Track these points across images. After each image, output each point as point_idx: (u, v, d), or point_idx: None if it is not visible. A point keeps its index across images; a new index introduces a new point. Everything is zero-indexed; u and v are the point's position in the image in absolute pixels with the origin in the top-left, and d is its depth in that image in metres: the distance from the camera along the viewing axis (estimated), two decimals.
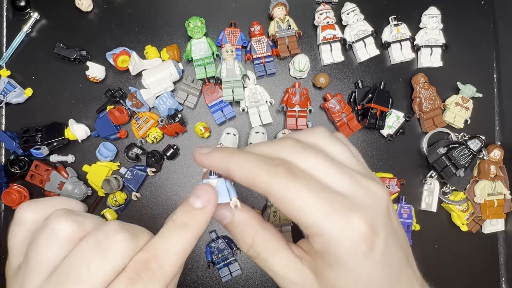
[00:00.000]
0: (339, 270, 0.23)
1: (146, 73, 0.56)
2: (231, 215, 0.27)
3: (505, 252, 0.61)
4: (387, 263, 0.23)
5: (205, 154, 0.26)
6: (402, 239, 0.25)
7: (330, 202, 0.22)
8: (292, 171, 0.23)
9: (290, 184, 0.23)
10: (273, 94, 0.59)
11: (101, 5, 0.59)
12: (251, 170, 0.24)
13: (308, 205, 0.22)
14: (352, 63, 0.61)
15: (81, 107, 0.59)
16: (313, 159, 0.24)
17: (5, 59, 0.58)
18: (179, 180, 0.59)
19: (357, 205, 0.23)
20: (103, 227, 0.22)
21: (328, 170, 0.24)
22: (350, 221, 0.22)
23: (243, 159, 0.25)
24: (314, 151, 0.25)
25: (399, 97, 0.60)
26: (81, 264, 0.21)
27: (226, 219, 0.27)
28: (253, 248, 0.27)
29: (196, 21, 0.56)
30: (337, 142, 0.27)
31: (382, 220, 0.24)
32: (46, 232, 0.22)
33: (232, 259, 0.57)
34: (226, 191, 0.27)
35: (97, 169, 0.57)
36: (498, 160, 0.59)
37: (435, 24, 0.59)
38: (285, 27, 0.57)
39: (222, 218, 0.27)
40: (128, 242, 0.22)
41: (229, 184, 0.27)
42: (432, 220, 0.60)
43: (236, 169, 0.24)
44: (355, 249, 0.22)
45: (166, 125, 0.55)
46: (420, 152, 0.61)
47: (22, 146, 0.56)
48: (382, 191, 0.25)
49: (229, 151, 0.26)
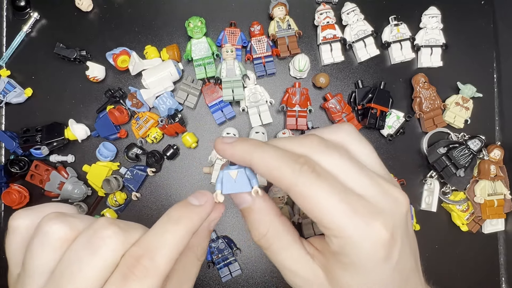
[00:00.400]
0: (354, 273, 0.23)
1: (146, 73, 0.56)
2: (251, 200, 0.27)
3: (505, 252, 0.61)
4: (400, 270, 0.23)
5: (228, 143, 0.26)
6: (414, 245, 0.25)
7: (352, 204, 0.22)
8: (316, 170, 0.23)
9: (314, 184, 0.22)
10: (273, 94, 0.59)
11: (101, 5, 0.59)
12: (275, 165, 0.23)
13: (330, 206, 0.22)
14: (352, 63, 0.61)
15: (81, 107, 0.59)
16: (338, 160, 0.24)
17: (5, 59, 0.58)
18: (179, 180, 0.59)
19: (379, 210, 0.23)
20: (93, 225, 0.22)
21: (352, 172, 0.24)
22: (371, 225, 0.22)
23: (267, 153, 0.24)
24: (338, 151, 0.25)
25: (399, 97, 0.60)
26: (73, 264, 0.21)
27: (246, 203, 0.27)
28: (265, 239, 0.26)
29: (196, 21, 0.56)
30: (363, 141, 0.27)
31: (401, 227, 0.23)
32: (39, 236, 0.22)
33: (232, 259, 0.57)
34: (247, 180, 0.26)
35: (97, 169, 0.57)
36: (498, 160, 0.59)
37: (435, 24, 0.59)
38: (285, 27, 0.57)
39: (242, 201, 0.27)
40: (119, 237, 0.22)
41: (250, 172, 0.26)
42: (432, 220, 0.60)
43: (260, 163, 0.24)
44: (374, 254, 0.22)
45: (166, 125, 0.55)
46: (420, 152, 0.61)
47: (22, 146, 0.56)
48: (403, 198, 0.24)
49: (252, 142, 0.25)
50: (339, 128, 0.27)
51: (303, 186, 0.23)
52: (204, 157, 0.59)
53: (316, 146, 0.25)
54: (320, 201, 0.22)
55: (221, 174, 0.27)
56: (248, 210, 0.27)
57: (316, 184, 0.22)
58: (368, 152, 0.27)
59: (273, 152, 0.24)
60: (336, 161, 0.24)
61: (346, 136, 0.27)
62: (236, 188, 0.26)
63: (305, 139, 0.25)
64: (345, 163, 0.24)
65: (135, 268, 0.21)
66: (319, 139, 0.25)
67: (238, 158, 0.26)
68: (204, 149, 0.59)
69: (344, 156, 0.24)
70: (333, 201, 0.22)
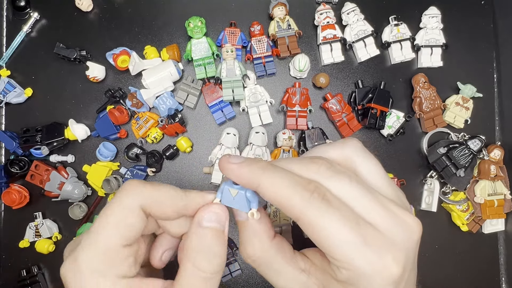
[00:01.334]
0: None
1: (146, 73, 0.56)
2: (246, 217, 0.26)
3: (505, 252, 0.61)
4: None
5: (235, 164, 0.24)
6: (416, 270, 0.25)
7: (364, 235, 0.22)
8: (327, 197, 0.22)
9: (324, 213, 0.22)
10: (273, 94, 0.59)
11: (101, 5, 0.59)
12: (285, 192, 0.22)
13: (341, 238, 0.21)
14: (352, 63, 0.61)
15: (81, 107, 0.59)
16: (348, 186, 0.23)
17: (5, 59, 0.58)
18: (179, 180, 0.59)
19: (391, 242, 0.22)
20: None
21: (362, 198, 0.23)
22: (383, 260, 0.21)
23: (276, 179, 0.23)
24: (348, 176, 0.24)
25: (399, 97, 0.60)
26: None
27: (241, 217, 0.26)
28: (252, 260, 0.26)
29: (196, 21, 0.56)
30: (371, 158, 0.26)
31: (411, 258, 0.23)
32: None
33: (232, 259, 0.57)
34: (246, 202, 0.25)
35: (97, 169, 0.57)
36: (498, 160, 0.59)
37: (435, 24, 0.59)
38: (285, 27, 0.57)
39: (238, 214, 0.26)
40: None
41: (251, 195, 0.25)
42: (432, 220, 0.60)
43: (268, 189, 0.23)
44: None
45: (166, 125, 0.55)
46: (420, 152, 0.61)
47: (22, 146, 0.56)
48: (416, 224, 0.24)
49: (260, 166, 0.24)
50: (345, 145, 0.26)
51: (312, 215, 0.22)
52: (204, 157, 0.59)
53: (324, 171, 0.24)
54: (331, 232, 0.22)
55: (223, 186, 0.26)
56: (242, 224, 0.26)
57: (327, 213, 0.22)
58: (377, 170, 0.26)
59: (282, 178, 0.23)
60: (346, 187, 0.23)
61: (352, 153, 0.26)
62: (234, 204, 0.26)
63: (313, 164, 0.24)
64: (356, 189, 0.23)
65: None
66: (327, 164, 0.24)
67: (245, 182, 0.24)
68: (204, 149, 0.59)
69: (353, 181, 0.23)
70: (344, 233, 0.21)
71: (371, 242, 0.22)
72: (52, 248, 0.57)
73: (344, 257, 0.22)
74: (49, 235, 0.57)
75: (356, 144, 0.26)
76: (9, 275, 0.58)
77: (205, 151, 0.59)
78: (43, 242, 0.56)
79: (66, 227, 0.58)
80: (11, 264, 0.58)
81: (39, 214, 0.57)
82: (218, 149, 0.56)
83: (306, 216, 0.22)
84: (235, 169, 0.24)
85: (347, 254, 0.22)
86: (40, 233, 0.57)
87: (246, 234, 0.26)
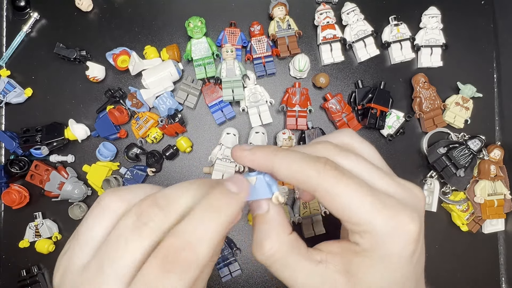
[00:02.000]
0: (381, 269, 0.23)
1: (146, 73, 0.56)
2: (266, 208, 0.26)
3: (505, 252, 0.61)
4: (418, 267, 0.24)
5: (247, 150, 0.26)
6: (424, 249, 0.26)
7: (380, 199, 0.23)
8: (340, 168, 0.23)
9: (340, 181, 0.23)
10: (273, 94, 0.59)
11: (101, 5, 0.59)
12: (298, 167, 0.24)
13: (359, 201, 0.22)
14: (352, 63, 0.61)
15: (81, 107, 0.59)
16: (355, 161, 0.25)
17: (5, 59, 0.58)
18: (179, 180, 0.59)
19: (405, 205, 0.23)
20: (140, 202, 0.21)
21: (370, 171, 0.24)
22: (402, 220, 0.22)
23: (288, 157, 0.24)
24: (354, 153, 0.25)
25: (399, 97, 0.60)
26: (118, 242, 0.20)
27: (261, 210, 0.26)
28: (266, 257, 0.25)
29: (196, 21, 0.56)
30: (366, 143, 0.27)
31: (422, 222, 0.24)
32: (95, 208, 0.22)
33: (232, 259, 0.57)
34: (267, 187, 0.26)
35: (97, 169, 0.57)
36: (498, 160, 0.59)
37: (435, 24, 0.59)
38: (285, 27, 0.57)
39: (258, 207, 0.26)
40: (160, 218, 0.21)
41: (270, 179, 0.26)
42: (432, 220, 0.60)
43: (282, 167, 0.24)
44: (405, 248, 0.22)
45: (166, 125, 0.55)
46: (420, 152, 0.61)
47: (22, 146, 0.56)
48: (421, 192, 0.25)
49: (272, 148, 0.25)
50: (340, 133, 0.28)
51: (329, 184, 0.23)
52: (204, 157, 0.59)
53: (331, 149, 0.25)
54: (348, 198, 0.22)
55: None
56: (260, 218, 0.26)
57: (342, 181, 0.23)
58: (373, 153, 0.27)
59: (295, 155, 0.24)
60: (354, 162, 0.25)
61: (348, 139, 0.27)
62: (255, 195, 0.26)
63: (319, 145, 0.26)
64: (362, 164, 0.25)
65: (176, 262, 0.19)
66: (332, 144, 0.26)
67: (259, 164, 0.25)
68: (204, 149, 0.59)
69: (359, 157, 0.25)
70: (361, 196, 0.22)
71: (389, 205, 0.23)
72: (52, 248, 0.57)
73: (364, 219, 0.22)
74: (49, 235, 0.57)
75: (352, 131, 0.28)
76: (9, 275, 0.58)
77: (205, 151, 0.59)
78: (43, 242, 0.56)
79: (66, 227, 0.58)
80: (11, 264, 0.58)
81: (39, 214, 0.57)
82: (218, 149, 0.56)
83: (323, 186, 0.23)
84: (248, 154, 0.25)
85: (366, 216, 0.22)
86: (40, 233, 0.57)
87: (265, 228, 0.25)
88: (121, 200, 0.23)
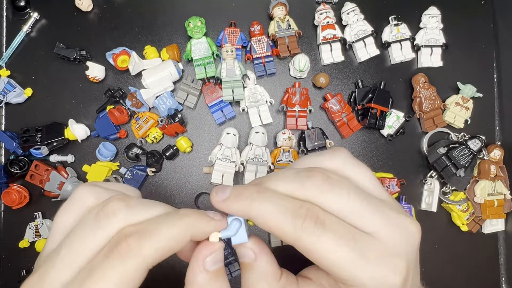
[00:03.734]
0: None
1: (146, 73, 0.56)
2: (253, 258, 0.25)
3: (505, 252, 0.61)
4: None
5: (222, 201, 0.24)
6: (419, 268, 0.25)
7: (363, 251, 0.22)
8: (320, 220, 0.22)
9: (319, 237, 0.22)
10: (273, 94, 0.59)
11: (101, 5, 0.59)
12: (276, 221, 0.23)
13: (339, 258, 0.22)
14: (352, 63, 0.61)
15: (81, 107, 0.59)
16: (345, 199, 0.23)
17: (5, 59, 0.58)
18: (179, 180, 0.59)
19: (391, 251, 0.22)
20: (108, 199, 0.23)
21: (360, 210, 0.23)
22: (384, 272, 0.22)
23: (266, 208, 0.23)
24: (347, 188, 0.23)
25: (399, 97, 0.60)
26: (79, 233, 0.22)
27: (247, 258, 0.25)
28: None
29: (196, 21, 0.56)
30: (361, 165, 0.26)
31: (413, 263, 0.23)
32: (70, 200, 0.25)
33: (232, 259, 0.57)
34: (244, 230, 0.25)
35: (97, 169, 0.57)
36: (498, 160, 0.59)
37: (435, 24, 0.59)
38: (285, 27, 0.57)
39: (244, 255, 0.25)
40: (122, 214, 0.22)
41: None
42: (432, 220, 0.60)
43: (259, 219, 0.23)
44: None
45: (166, 125, 0.55)
46: (420, 152, 0.61)
47: (22, 146, 0.56)
48: (415, 228, 0.24)
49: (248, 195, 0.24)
50: (334, 154, 0.26)
51: (308, 241, 0.22)
52: (204, 157, 0.59)
53: (320, 185, 0.23)
54: (328, 255, 0.22)
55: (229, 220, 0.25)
56: (247, 266, 0.25)
57: (321, 237, 0.22)
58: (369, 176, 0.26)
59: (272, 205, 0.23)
60: (344, 200, 0.23)
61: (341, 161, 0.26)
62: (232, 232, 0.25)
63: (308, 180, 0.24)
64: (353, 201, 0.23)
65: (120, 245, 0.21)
66: (323, 177, 0.24)
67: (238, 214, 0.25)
68: (204, 149, 0.59)
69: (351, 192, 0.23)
70: (342, 253, 0.22)
71: (370, 256, 0.22)
72: None
73: (347, 275, 0.22)
74: None
75: (345, 152, 0.27)
76: (9, 275, 0.58)
77: (205, 151, 0.59)
78: (43, 242, 0.56)
79: None
80: (11, 264, 0.58)
81: (39, 214, 0.57)
82: (218, 149, 0.56)
83: (302, 243, 0.22)
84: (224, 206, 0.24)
85: (349, 273, 0.22)
86: (40, 233, 0.57)
87: (254, 277, 0.25)
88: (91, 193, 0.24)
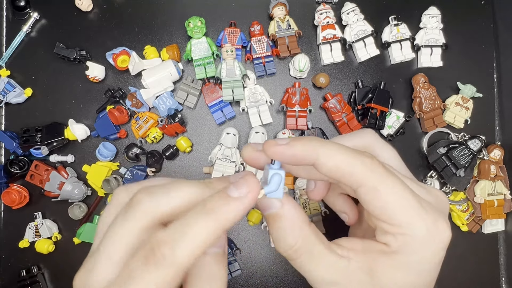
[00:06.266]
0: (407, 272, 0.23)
1: (146, 73, 0.56)
2: (280, 206, 0.24)
3: (505, 252, 0.61)
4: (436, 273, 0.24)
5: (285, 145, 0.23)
6: None
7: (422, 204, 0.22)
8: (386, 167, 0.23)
9: (386, 179, 0.22)
10: (273, 94, 0.59)
11: (101, 5, 0.59)
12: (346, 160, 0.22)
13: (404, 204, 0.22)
14: (352, 63, 0.61)
15: (81, 107, 0.59)
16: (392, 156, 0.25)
17: (5, 59, 0.58)
18: None
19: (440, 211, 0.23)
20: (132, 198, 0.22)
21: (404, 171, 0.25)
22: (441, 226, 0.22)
23: (334, 149, 0.22)
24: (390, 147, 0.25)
25: (399, 97, 0.60)
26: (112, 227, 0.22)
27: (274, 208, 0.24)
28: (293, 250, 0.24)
29: (196, 21, 0.56)
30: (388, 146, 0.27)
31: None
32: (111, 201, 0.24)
33: (232, 259, 0.57)
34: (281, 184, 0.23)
35: (97, 169, 0.57)
36: (498, 160, 0.59)
37: (435, 24, 0.59)
38: (285, 27, 0.57)
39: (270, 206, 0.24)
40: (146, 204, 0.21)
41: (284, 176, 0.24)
42: None
43: (327, 159, 0.22)
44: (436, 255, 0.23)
45: (166, 125, 0.55)
46: (420, 152, 0.61)
47: (22, 146, 0.56)
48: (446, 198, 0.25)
49: (314, 139, 0.23)
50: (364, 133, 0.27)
51: (376, 180, 0.22)
52: (204, 157, 0.59)
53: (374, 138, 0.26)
54: (393, 198, 0.22)
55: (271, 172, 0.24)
56: (274, 217, 0.24)
57: (389, 179, 0.22)
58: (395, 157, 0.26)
59: (341, 147, 0.23)
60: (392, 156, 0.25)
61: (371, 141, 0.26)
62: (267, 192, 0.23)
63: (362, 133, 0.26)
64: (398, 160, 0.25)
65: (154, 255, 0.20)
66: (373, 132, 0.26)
67: (300, 158, 0.23)
68: (204, 149, 0.59)
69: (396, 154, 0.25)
70: (406, 199, 0.22)
71: (429, 210, 0.22)
72: (52, 248, 0.57)
73: (406, 222, 0.22)
74: (49, 235, 0.57)
75: (374, 133, 0.27)
76: (9, 275, 0.58)
77: (205, 151, 0.59)
78: (43, 242, 0.56)
79: (66, 227, 0.58)
80: (11, 264, 0.58)
81: (39, 214, 0.57)
82: (218, 149, 0.56)
83: (369, 182, 0.22)
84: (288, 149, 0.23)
85: (408, 219, 0.22)
86: (40, 233, 0.57)
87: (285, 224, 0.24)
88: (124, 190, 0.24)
